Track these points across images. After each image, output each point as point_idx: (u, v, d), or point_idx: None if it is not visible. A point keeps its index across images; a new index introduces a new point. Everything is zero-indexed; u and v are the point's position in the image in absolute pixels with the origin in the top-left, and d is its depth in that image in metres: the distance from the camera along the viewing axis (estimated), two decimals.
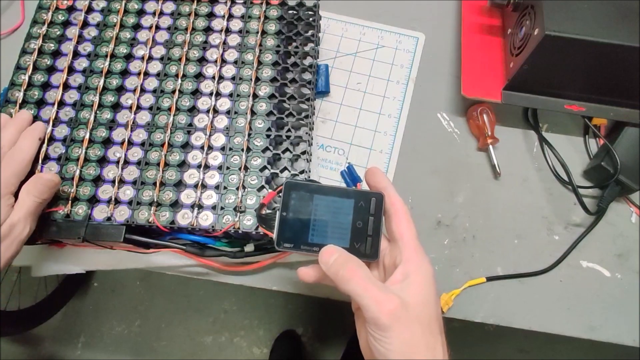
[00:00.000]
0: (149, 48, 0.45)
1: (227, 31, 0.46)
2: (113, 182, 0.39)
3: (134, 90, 0.43)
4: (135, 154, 0.40)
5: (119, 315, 1.15)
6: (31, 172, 0.38)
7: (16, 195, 0.35)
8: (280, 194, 0.34)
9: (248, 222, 0.38)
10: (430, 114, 0.51)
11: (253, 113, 0.42)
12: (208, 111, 0.42)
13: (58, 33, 0.45)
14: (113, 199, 0.38)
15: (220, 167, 0.40)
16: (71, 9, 0.46)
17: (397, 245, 0.31)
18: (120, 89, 0.43)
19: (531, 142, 0.50)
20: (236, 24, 0.46)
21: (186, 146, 0.41)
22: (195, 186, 0.39)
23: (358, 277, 0.29)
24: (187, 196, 0.39)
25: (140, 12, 0.47)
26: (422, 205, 0.47)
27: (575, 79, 0.45)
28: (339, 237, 0.32)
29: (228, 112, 0.42)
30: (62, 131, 0.41)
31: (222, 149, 0.41)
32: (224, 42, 0.45)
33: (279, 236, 0.33)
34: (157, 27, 0.46)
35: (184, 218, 0.38)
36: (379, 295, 0.28)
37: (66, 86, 0.43)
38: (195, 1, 0.47)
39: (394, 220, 0.32)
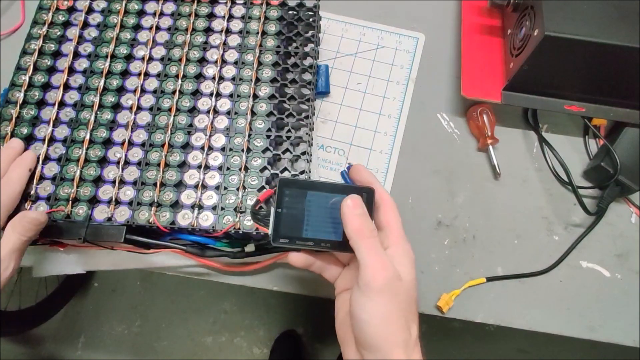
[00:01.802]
0: (149, 49, 0.45)
1: (228, 32, 0.46)
2: (113, 182, 0.39)
3: (135, 91, 0.43)
4: (136, 154, 0.40)
5: (119, 315, 1.15)
6: (32, 175, 0.38)
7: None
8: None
9: (248, 222, 0.38)
10: (430, 114, 0.51)
11: (253, 113, 0.42)
12: (208, 112, 0.42)
13: (58, 34, 0.45)
14: (113, 199, 0.39)
15: (220, 168, 0.40)
16: (71, 10, 0.46)
17: (384, 232, 0.33)
18: (121, 90, 0.43)
19: (531, 143, 0.50)
20: (236, 25, 0.46)
21: (186, 147, 0.41)
22: (196, 187, 0.39)
23: (373, 238, 0.31)
24: (188, 196, 0.39)
25: (141, 13, 0.47)
26: (422, 205, 0.48)
27: (575, 79, 0.45)
28: (332, 231, 0.33)
29: (228, 113, 0.42)
30: (62, 132, 0.41)
31: (223, 149, 0.41)
32: (224, 43, 0.45)
33: (275, 232, 0.33)
34: (158, 28, 0.46)
35: (184, 218, 0.38)
36: (383, 260, 0.30)
37: (66, 87, 0.43)
38: (196, 2, 0.47)
39: (382, 210, 0.34)
